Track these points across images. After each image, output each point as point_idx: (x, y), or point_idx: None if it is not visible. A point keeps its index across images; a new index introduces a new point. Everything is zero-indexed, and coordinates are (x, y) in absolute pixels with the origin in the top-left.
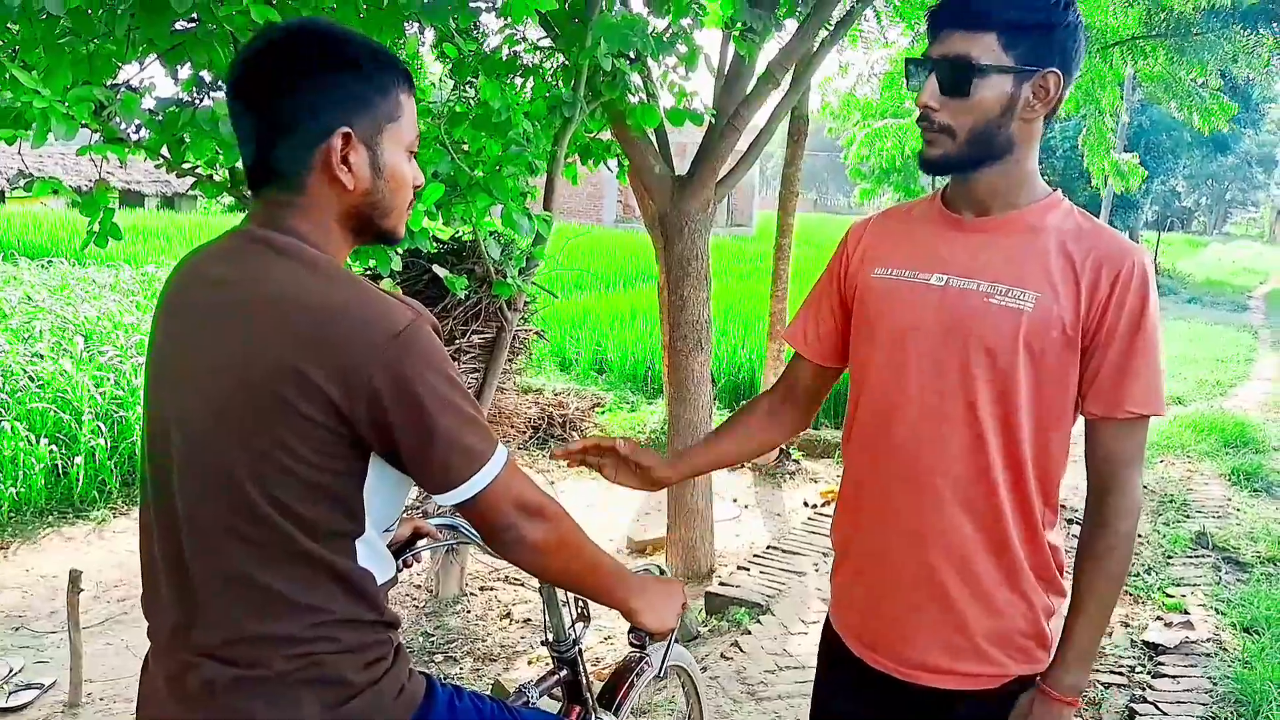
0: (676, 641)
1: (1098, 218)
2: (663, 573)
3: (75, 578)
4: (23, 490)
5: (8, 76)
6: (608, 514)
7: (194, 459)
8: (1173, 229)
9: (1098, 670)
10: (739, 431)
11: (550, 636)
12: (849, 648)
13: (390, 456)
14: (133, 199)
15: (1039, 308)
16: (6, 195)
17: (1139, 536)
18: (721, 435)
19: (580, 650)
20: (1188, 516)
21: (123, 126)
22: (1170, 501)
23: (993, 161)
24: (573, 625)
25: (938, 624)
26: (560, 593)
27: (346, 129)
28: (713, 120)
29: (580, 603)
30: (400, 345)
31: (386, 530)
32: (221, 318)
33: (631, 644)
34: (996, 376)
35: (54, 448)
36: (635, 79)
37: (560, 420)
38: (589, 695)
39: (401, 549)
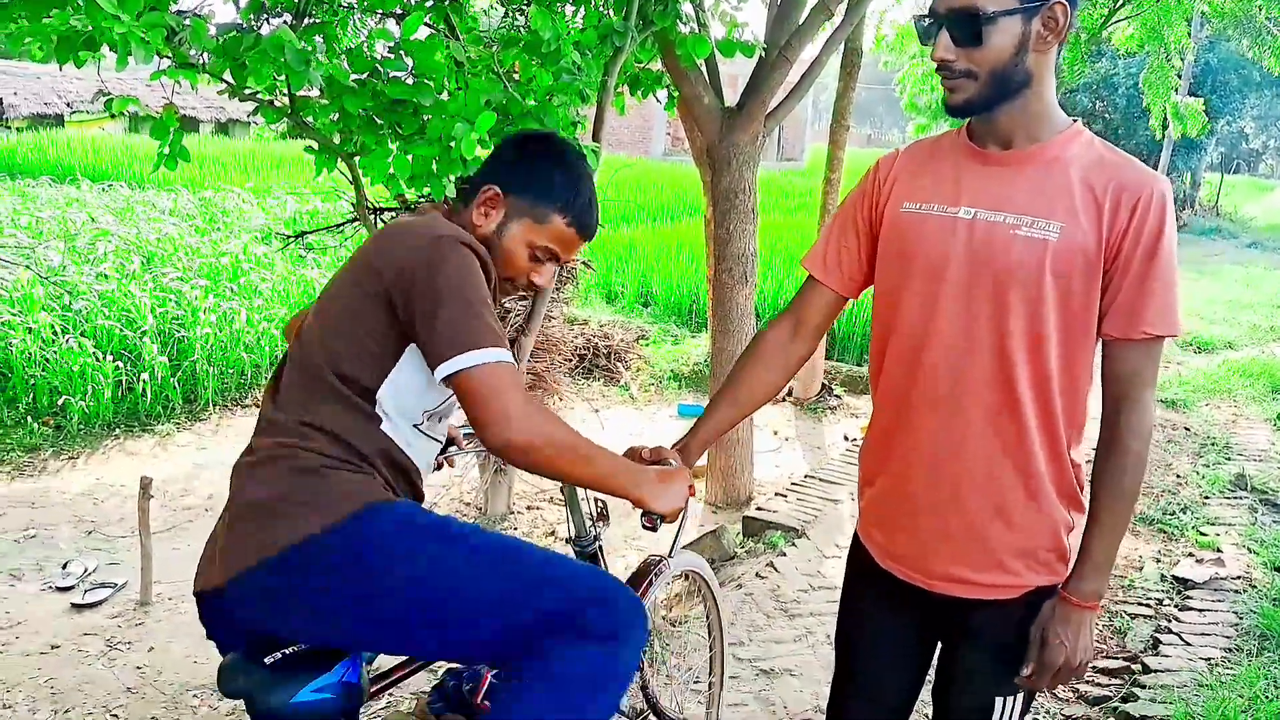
0: (712, 562)
1: (1159, 156)
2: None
3: (146, 485)
4: (91, 404)
5: (82, 2)
6: (649, 442)
7: (309, 326)
8: (1239, 171)
9: (1125, 601)
10: (754, 373)
11: (572, 533)
12: (876, 560)
13: (410, 329)
14: (188, 125)
15: (1063, 237)
16: (66, 119)
17: (1178, 476)
18: (738, 384)
19: (600, 547)
20: (1228, 459)
21: (191, 52)
22: (1213, 443)
23: (1014, 97)
24: (593, 524)
25: (962, 538)
26: (580, 492)
27: (498, 190)
28: (763, 52)
29: (599, 502)
30: (436, 245)
31: (415, 424)
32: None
33: (644, 526)
34: (1024, 304)
35: (119, 364)
36: (687, 8)
37: (605, 351)
38: None
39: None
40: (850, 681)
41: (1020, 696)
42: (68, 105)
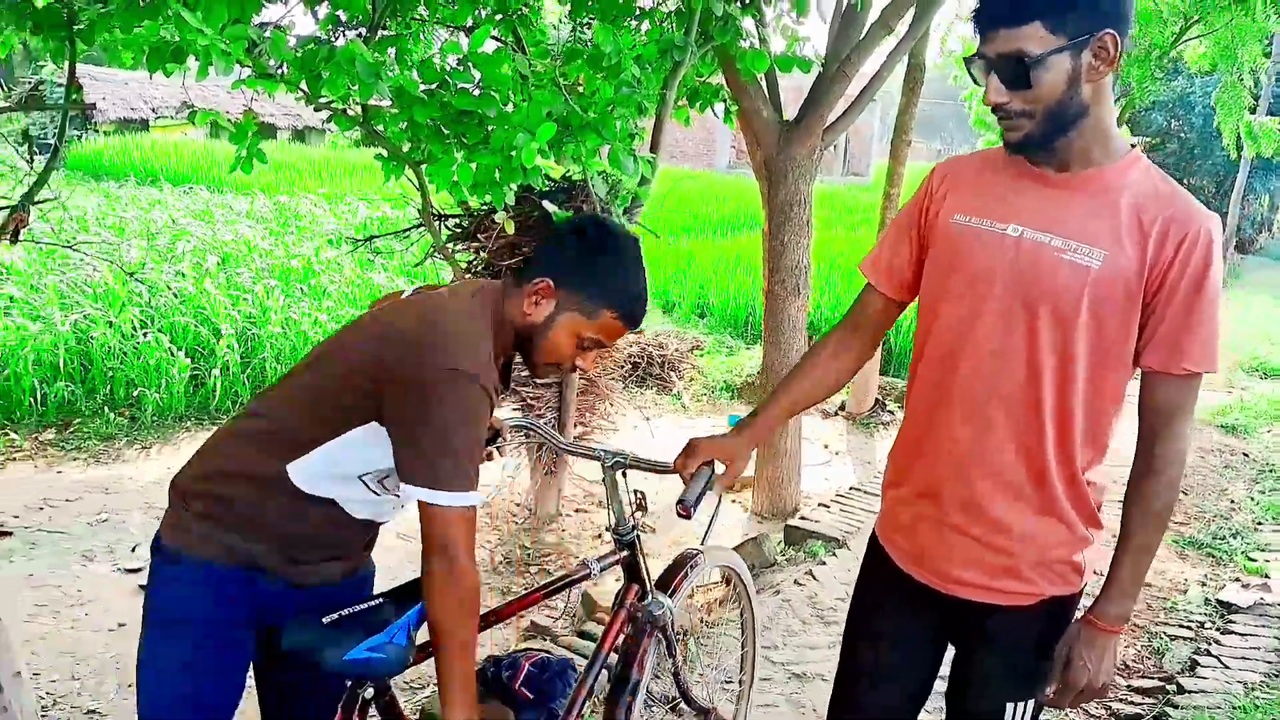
0: (753, 568)
1: (1235, 178)
2: (712, 474)
3: None
4: (165, 397)
5: (170, 15)
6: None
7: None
8: None
9: (1166, 623)
10: (809, 372)
11: (612, 522)
12: (896, 562)
13: (388, 426)
14: (266, 132)
15: (1106, 265)
16: (151, 124)
17: (1231, 501)
18: (792, 380)
19: (638, 535)
20: None
21: (271, 64)
22: (1271, 470)
23: (1071, 128)
24: (632, 513)
25: (980, 546)
26: (620, 481)
27: (550, 282)
28: (822, 67)
29: (639, 494)
30: (450, 378)
31: (359, 476)
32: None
33: (679, 514)
34: (1059, 326)
35: (193, 359)
36: (747, 23)
37: (660, 360)
38: (646, 576)
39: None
40: (860, 680)
41: (1031, 704)
42: (153, 111)
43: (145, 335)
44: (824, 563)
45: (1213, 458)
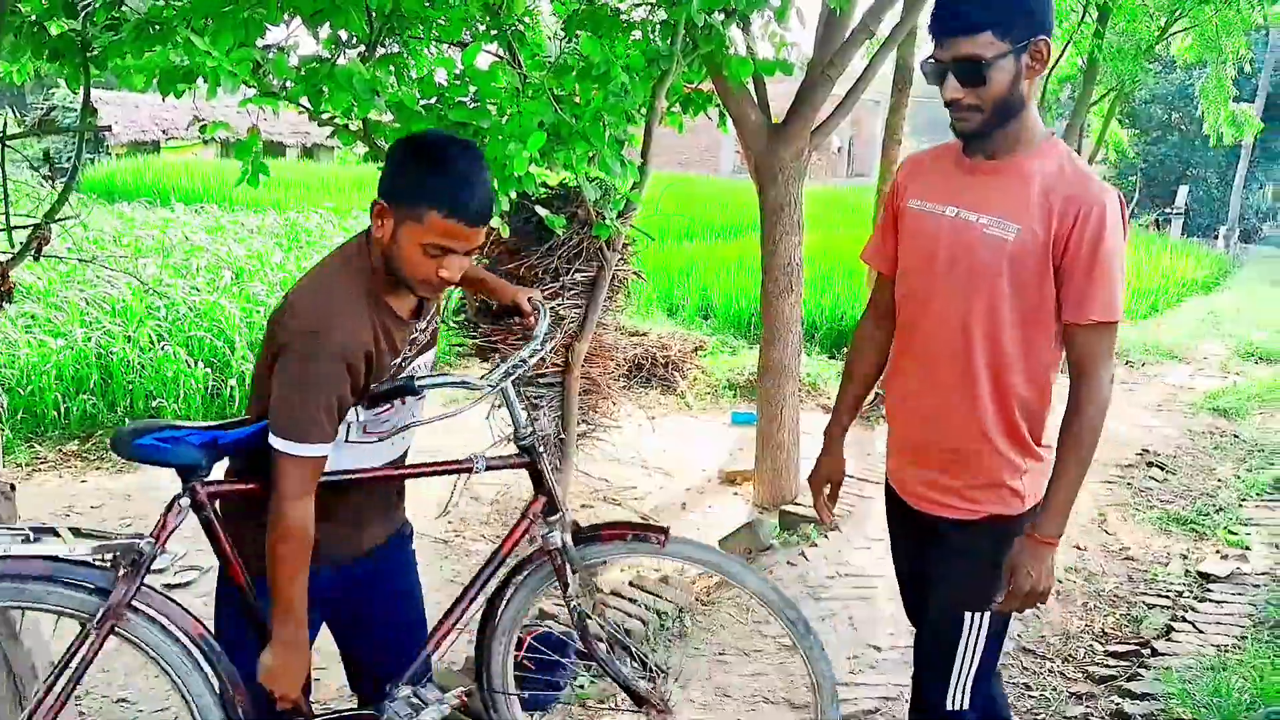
0: (748, 553)
1: (1237, 165)
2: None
3: None
4: (182, 408)
5: (180, 40)
6: (701, 448)
7: None
8: None
9: (1145, 593)
10: (860, 367)
11: (513, 430)
12: (894, 488)
13: None
14: (275, 150)
15: (1019, 237)
16: (162, 145)
17: (1219, 480)
18: (850, 379)
19: (538, 438)
20: (1272, 464)
21: (275, 82)
22: (1259, 450)
23: (1010, 120)
24: (529, 418)
25: (934, 471)
26: (513, 391)
27: (383, 202)
28: (806, 70)
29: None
30: (299, 338)
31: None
32: None
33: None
34: (985, 292)
35: (209, 371)
36: (733, 31)
37: (663, 361)
38: (552, 487)
39: None
40: (902, 586)
41: (986, 616)
42: (164, 132)
43: (163, 348)
44: (815, 544)
45: (1203, 439)
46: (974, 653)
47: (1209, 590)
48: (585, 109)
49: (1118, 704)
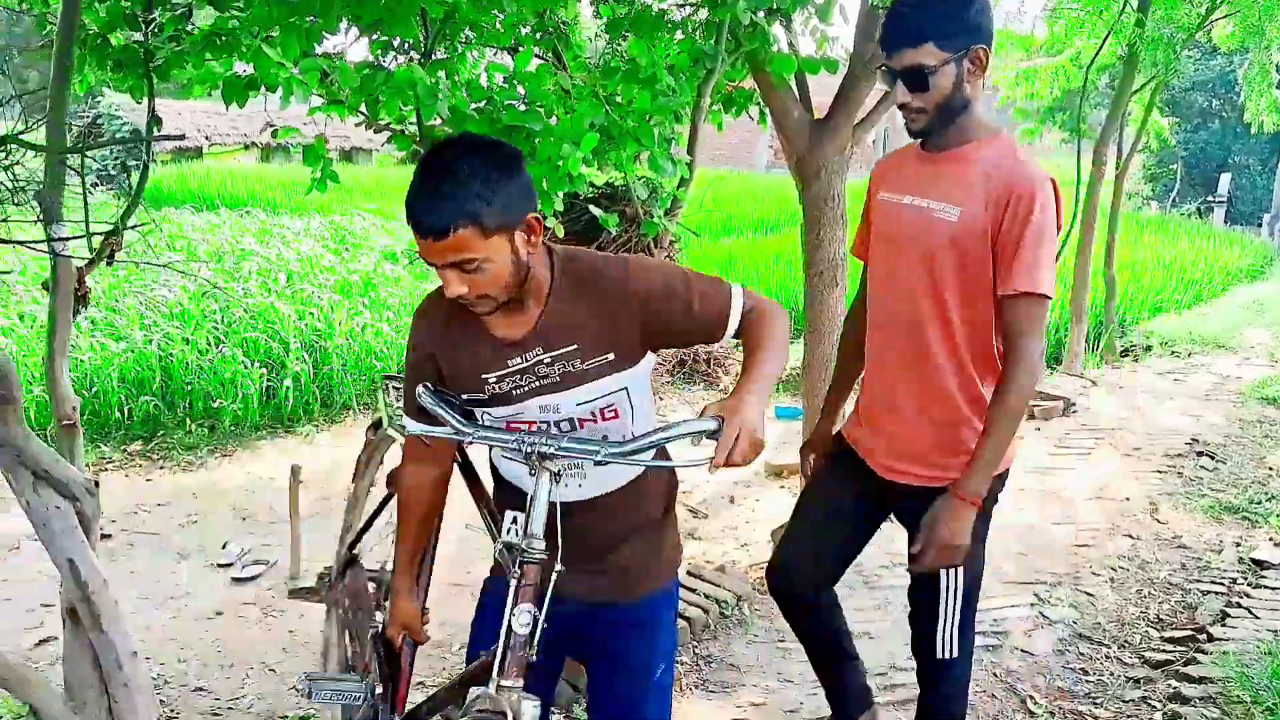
0: None
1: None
2: None
3: (296, 471)
4: (240, 408)
5: (249, 51)
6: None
7: None
8: None
9: (1199, 580)
10: (853, 351)
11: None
12: (854, 449)
13: None
14: (316, 156)
15: (962, 219)
16: (205, 151)
17: (1270, 469)
18: (844, 366)
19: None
20: None
21: (343, 91)
22: None
23: (956, 118)
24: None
25: (901, 439)
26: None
27: None
28: (848, 65)
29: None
30: None
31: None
32: None
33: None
34: (935, 269)
35: (266, 371)
36: (776, 29)
37: (706, 357)
38: None
39: None
40: (797, 521)
41: (961, 573)
42: (206, 139)
43: (221, 350)
44: None
45: (1253, 428)
46: (953, 606)
47: (1263, 577)
48: (633, 110)
49: (1175, 687)
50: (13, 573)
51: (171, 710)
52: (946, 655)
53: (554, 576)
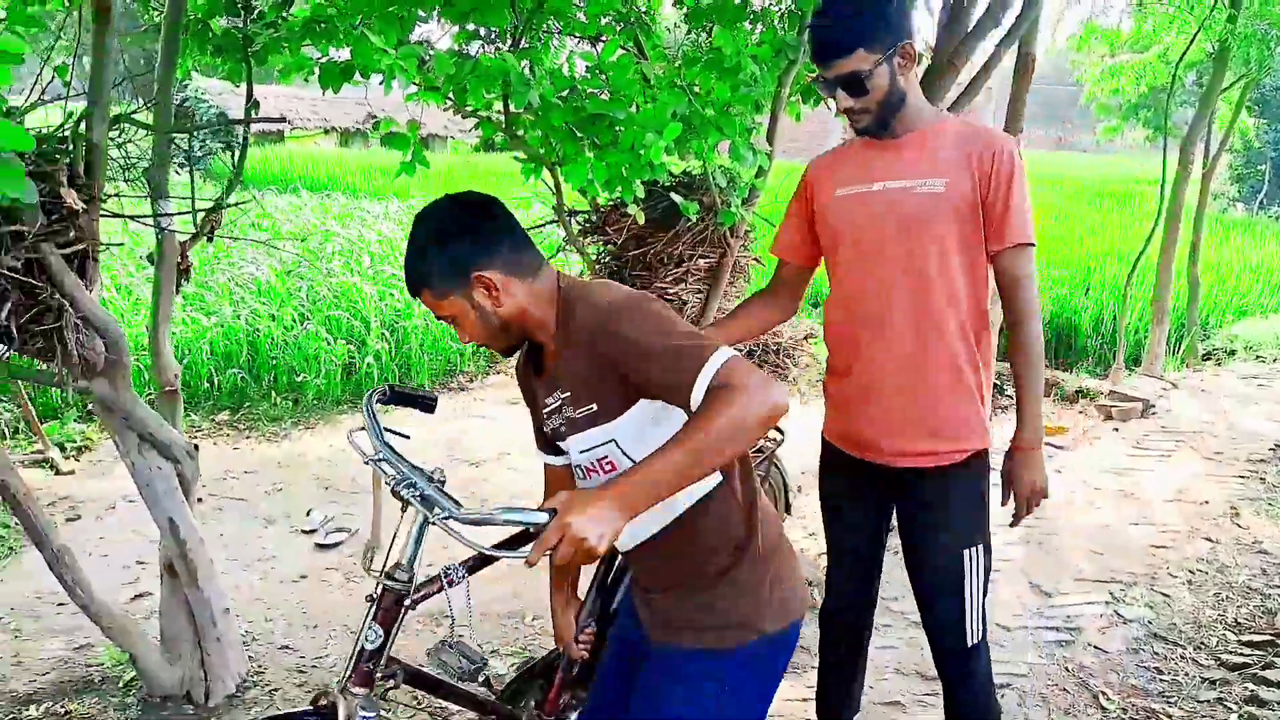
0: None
1: None
2: None
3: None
4: (323, 383)
5: (351, 38)
6: (813, 433)
7: None
8: None
9: (1279, 586)
10: (745, 316)
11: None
12: (843, 451)
13: None
14: (394, 140)
15: (949, 187)
16: (286, 135)
17: None
18: (733, 318)
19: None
20: None
21: (438, 78)
22: None
23: (900, 109)
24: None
25: (915, 422)
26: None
27: None
28: (931, 59)
29: None
30: None
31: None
32: None
33: None
34: (932, 240)
35: (348, 348)
36: None
37: (775, 348)
38: None
39: None
40: (834, 552)
41: (982, 548)
42: (287, 122)
43: (305, 327)
44: None
45: None
46: (978, 586)
47: None
48: (715, 99)
49: (1252, 690)
50: (109, 532)
51: (259, 666)
52: (975, 639)
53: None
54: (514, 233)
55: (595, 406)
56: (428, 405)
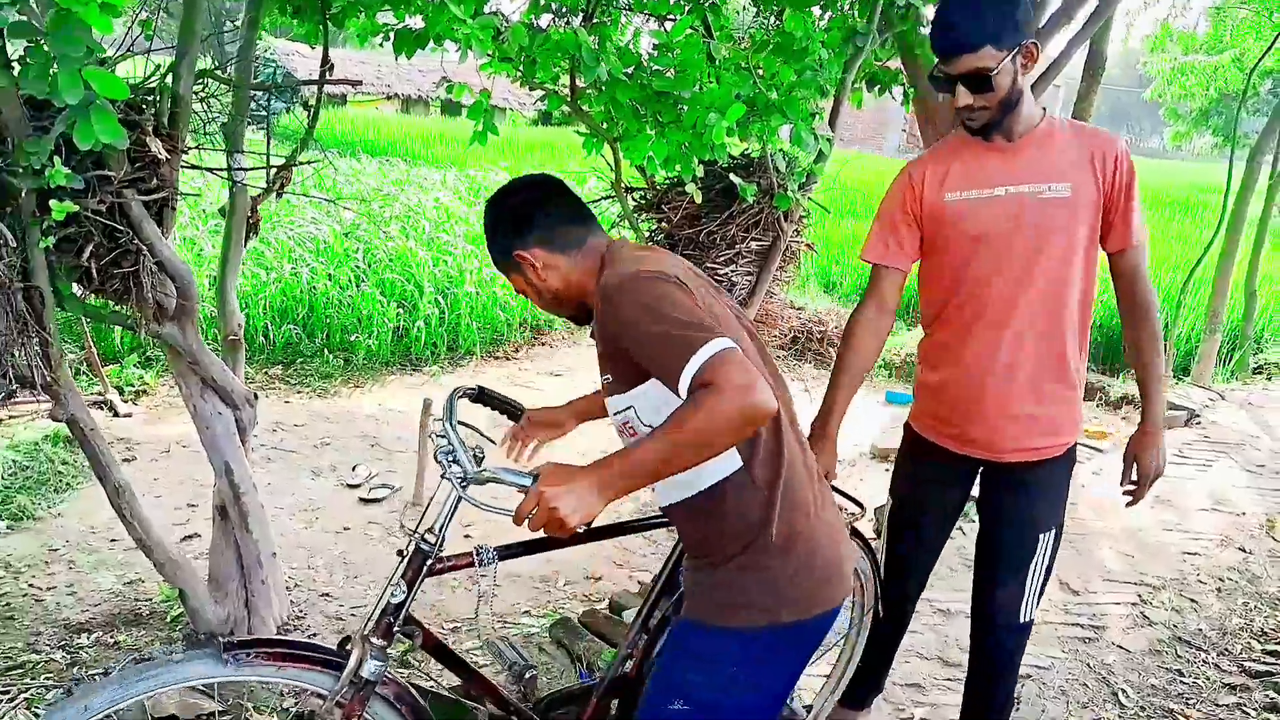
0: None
1: None
2: None
3: (428, 405)
4: (374, 343)
5: (422, 3)
6: (854, 423)
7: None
8: None
9: None
10: (860, 360)
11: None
12: (935, 442)
13: None
14: (453, 109)
15: (1074, 192)
16: (349, 99)
17: None
18: (847, 372)
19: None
20: None
21: (514, 49)
22: None
23: (1015, 109)
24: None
25: (1027, 418)
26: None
27: None
28: None
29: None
30: None
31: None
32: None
33: None
34: (1061, 244)
35: (400, 311)
36: (928, 11)
37: (819, 336)
38: None
39: None
40: (905, 535)
41: (1055, 532)
42: (361, 85)
43: (361, 288)
44: (973, 520)
45: None
46: (1043, 569)
47: None
48: (779, 83)
49: (1272, 699)
50: (163, 474)
51: (300, 610)
52: (1028, 618)
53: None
54: (556, 211)
55: (611, 376)
56: (513, 412)
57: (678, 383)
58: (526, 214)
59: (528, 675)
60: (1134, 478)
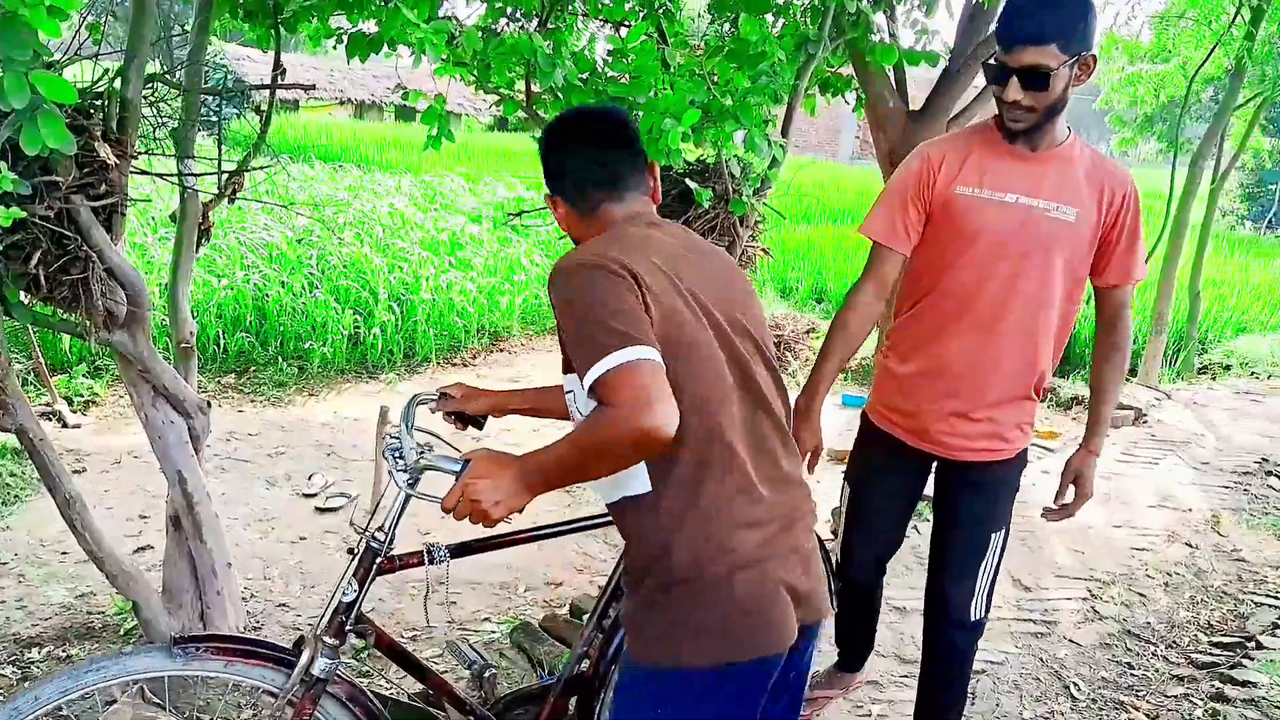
0: None
1: None
2: None
3: (384, 413)
4: (329, 351)
5: (374, 7)
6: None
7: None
8: None
9: (1254, 593)
10: (853, 340)
11: None
12: (892, 433)
13: None
14: (408, 115)
15: (1078, 219)
16: (301, 104)
17: None
18: (838, 351)
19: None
20: None
21: (468, 53)
22: None
23: (1053, 119)
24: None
25: (982, 423)
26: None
27: None
28: (949, 59)
29: None
30: None
31: None
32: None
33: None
34: (1054, 262)
35: (354, 318)
36: (879, 19)
37: (775, 341)
38: None
39: None
40: (860, 523)
41: (1004, 532)
42: (315, 89)
43: (314, 295)
44: (928, 519)
45: None
46: (992, 568)
47: None
48: (734, 89)
49: (1219, 688)
50: (114, 485)
51: (257, 621)
52: (979, 615)
53: None
54: (583, 172)
55: (562, 354)
56: (477, 422)
57: (584, 384)
58: (558, 164)
59: (487, 675)
60: (1068, 499)
